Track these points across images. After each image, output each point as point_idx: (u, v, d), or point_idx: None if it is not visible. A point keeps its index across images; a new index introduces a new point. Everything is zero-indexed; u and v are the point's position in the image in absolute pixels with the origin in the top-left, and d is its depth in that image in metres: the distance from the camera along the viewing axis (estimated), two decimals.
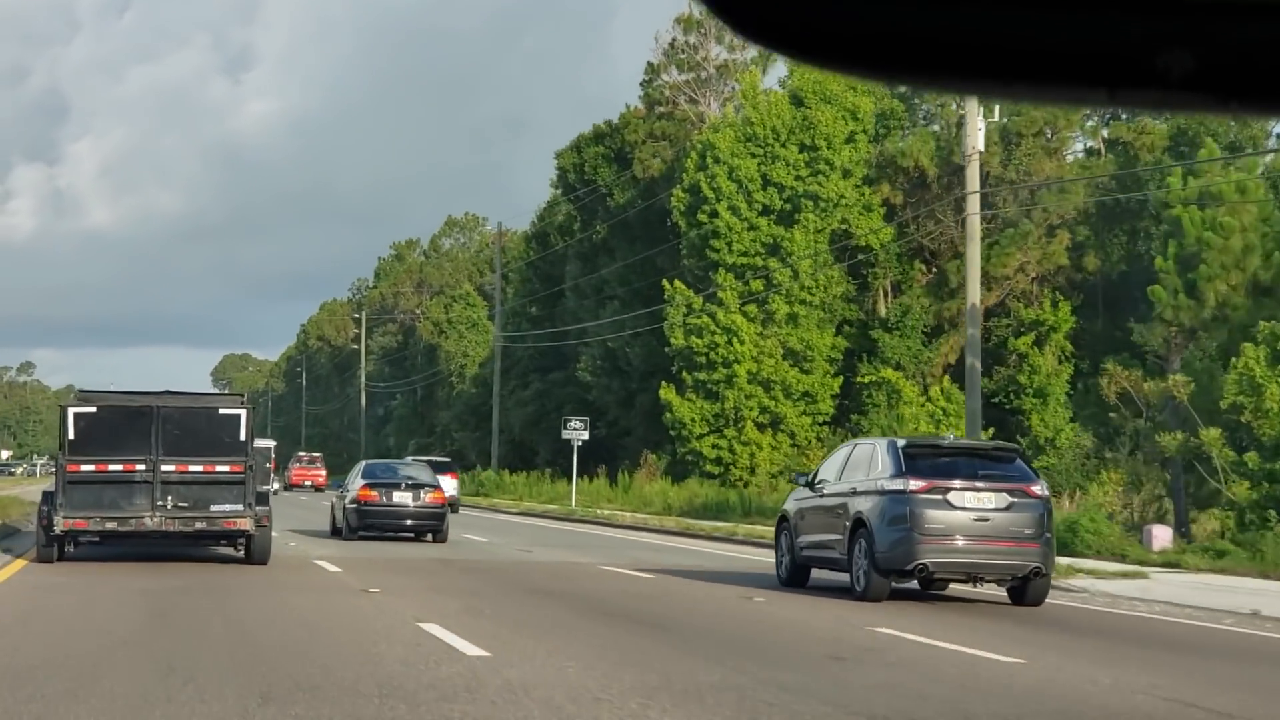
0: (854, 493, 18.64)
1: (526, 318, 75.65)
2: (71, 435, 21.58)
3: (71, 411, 21.87)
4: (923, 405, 52.97)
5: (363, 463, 35.16)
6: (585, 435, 48.18)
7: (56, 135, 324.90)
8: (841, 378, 55.31)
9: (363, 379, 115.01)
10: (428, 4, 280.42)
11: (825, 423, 55.26)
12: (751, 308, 54.66)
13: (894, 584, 18.31)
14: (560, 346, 72.16)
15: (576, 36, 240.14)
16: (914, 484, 17.74)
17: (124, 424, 21.82)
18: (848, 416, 55.60)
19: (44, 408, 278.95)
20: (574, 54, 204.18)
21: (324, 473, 78.66)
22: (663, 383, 55.92)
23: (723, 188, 54.20)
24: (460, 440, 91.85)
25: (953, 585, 19.60)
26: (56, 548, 21.83)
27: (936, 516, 17.61)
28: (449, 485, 44.84)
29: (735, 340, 54.19)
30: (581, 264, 63.51)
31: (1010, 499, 17.70)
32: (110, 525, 21.47)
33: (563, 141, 70.63)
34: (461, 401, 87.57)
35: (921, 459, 18.18)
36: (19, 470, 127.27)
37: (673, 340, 55.52)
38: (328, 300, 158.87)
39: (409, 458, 47.66)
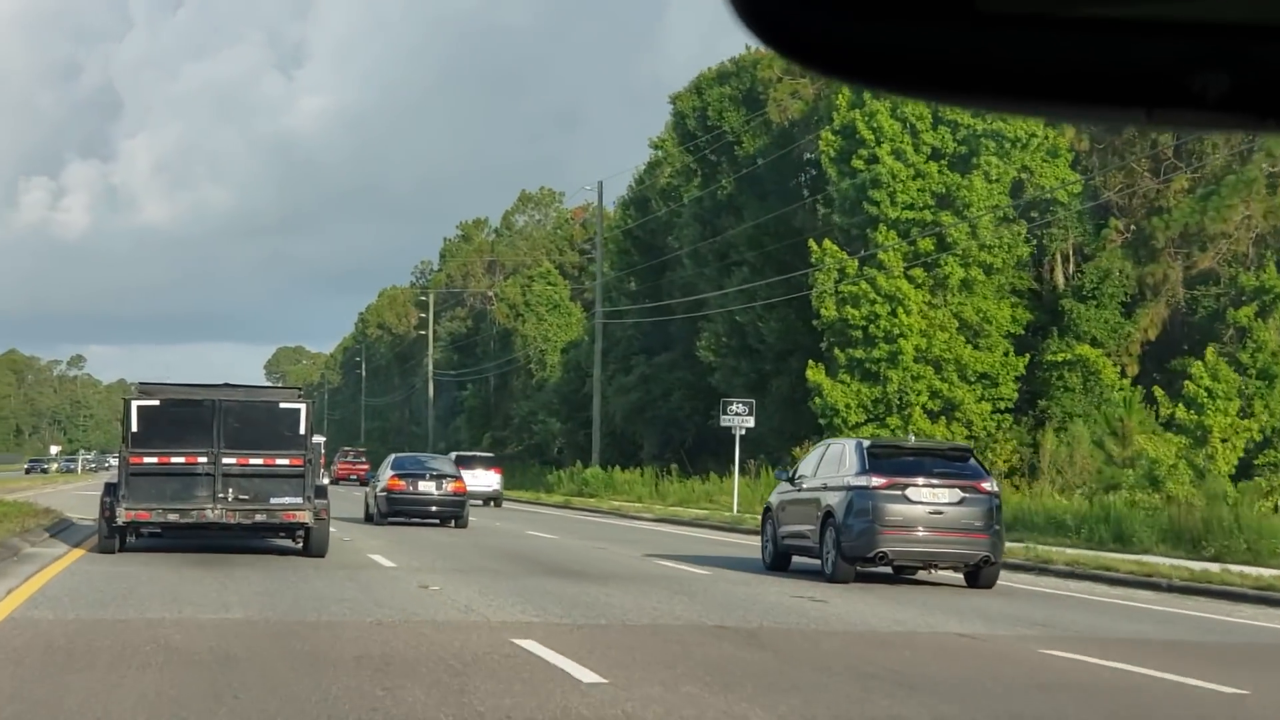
0: (825, 488, 20.66)
1: (624, 293, 66.60)
2: (135, 428, 21.79)
3: (135, 405, 22.00)
4: (1122, 389, 43.62)
5: (392, 456, 37.52)
6: (750, 422, 39.17)
7: (110, 131, 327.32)
8: (1026, 356, 46.09)
9: (430, 367, 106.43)
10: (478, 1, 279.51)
11: (1006, 410, 46.07)
12: (918, 271, 45.56)
13: (859, 569, 20.12)
14: (668, 324, 63.26)
15: (629, 29, 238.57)
16: (876, 480, 19.63)
17: (185, 417, 22.04)
18: (1032, 403, 46.39)
19: (95, 402, 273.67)
20: (626, 47, 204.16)
21: (367, 467, 77.20)
22: (809, 363, 46.84)
23: (884, 128, 45.15)
24: (541, 433, 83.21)
25: (921, 572, 21.20)
26: (118, 538, 22.00)
27: (896, 510, 19.43)
28: (493, 479, 49.95)
29: (900, 311, 45.11)
30: (700, 227, 54.39)
31: (962, 494, 19.43)
32: (172, 517, 21.74)
33: (616, 134, 61.56)
34: (550, 389, 78.67)
35: (885, 458, 20.10)
36: (52, 467, 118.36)
37: (823, 312, 46.44)
38: (387, 287, 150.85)
39: (454, 454, 49.98)
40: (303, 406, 22.60)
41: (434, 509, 33.63)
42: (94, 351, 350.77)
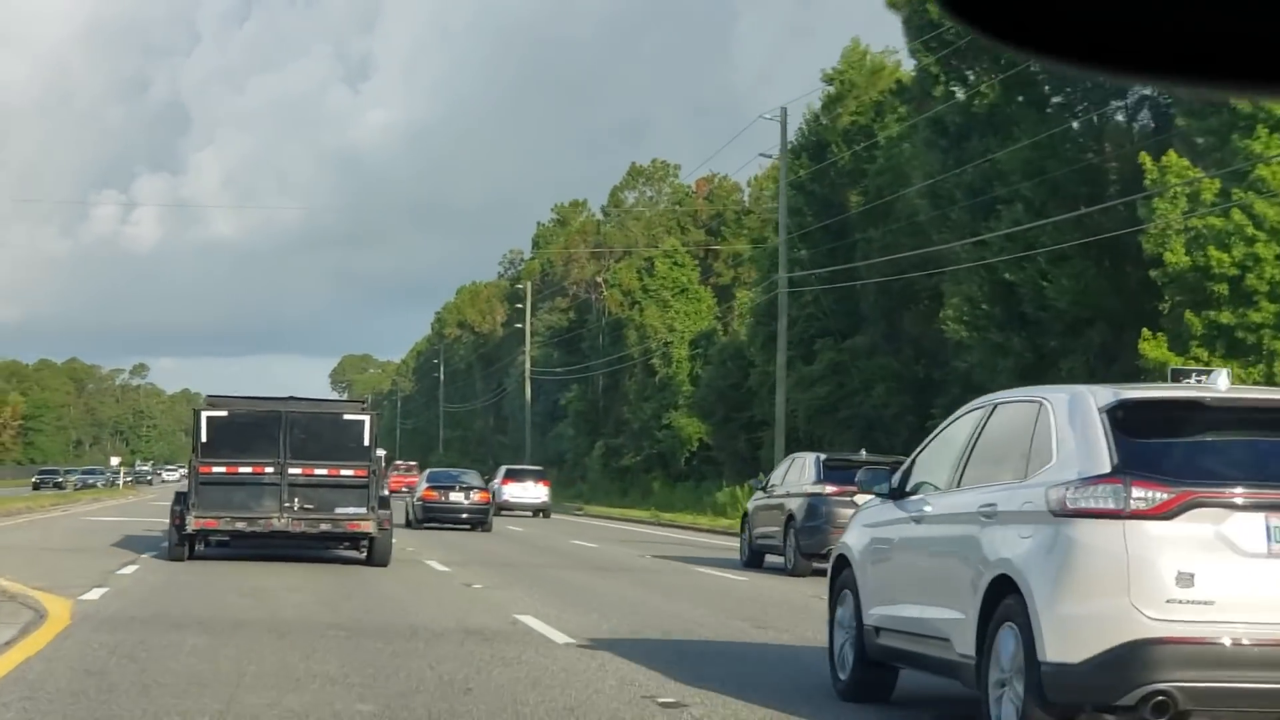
0: (788, 495, 24.07)
1: (795, 262, 51.91)
2: (204, 438, 22.25)
3: (204, 415, 22.53)
4: None
5: (428, 470, 46.63)
6: None
7: (179, 145, 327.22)
8: None
9: (527, 365, 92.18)
10: (545, 12, 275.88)
11: None
12: None
13: (815, 565, 21.78)
14: (857, 298, 48.76)
15: (695, 42, 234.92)
16: (829, 489, 22.86)
17: (253, 428, 22.51)
18: None
19: (158, 412, 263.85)
20: (692, 59, 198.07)
21: (417, 479, 72.69)
22: (1145, 333, 32.01)
23: None
24: (668, 439, 68.86)
25: None
26: (188, 546, 22.46)
27: (845, 514, 19.06)
28: (542, 492, 52.06)
29: None
30: (939, 155, 39.54)
31: None
32: (239, 525, 22.19)
33: (683, 147, 47.57)
34: (705, 385, 63.82)
35: (837, 469, 23.02)
36: (70, 482, 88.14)
37: (1166, 258, 31.59)
38: (466, 284, 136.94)
39: (503, 468, 55.67)
40: (367, 418, 23.13)
41: (464, 515, 38.27)
42: (160, 364, 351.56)
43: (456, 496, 38.51)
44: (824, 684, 10.51)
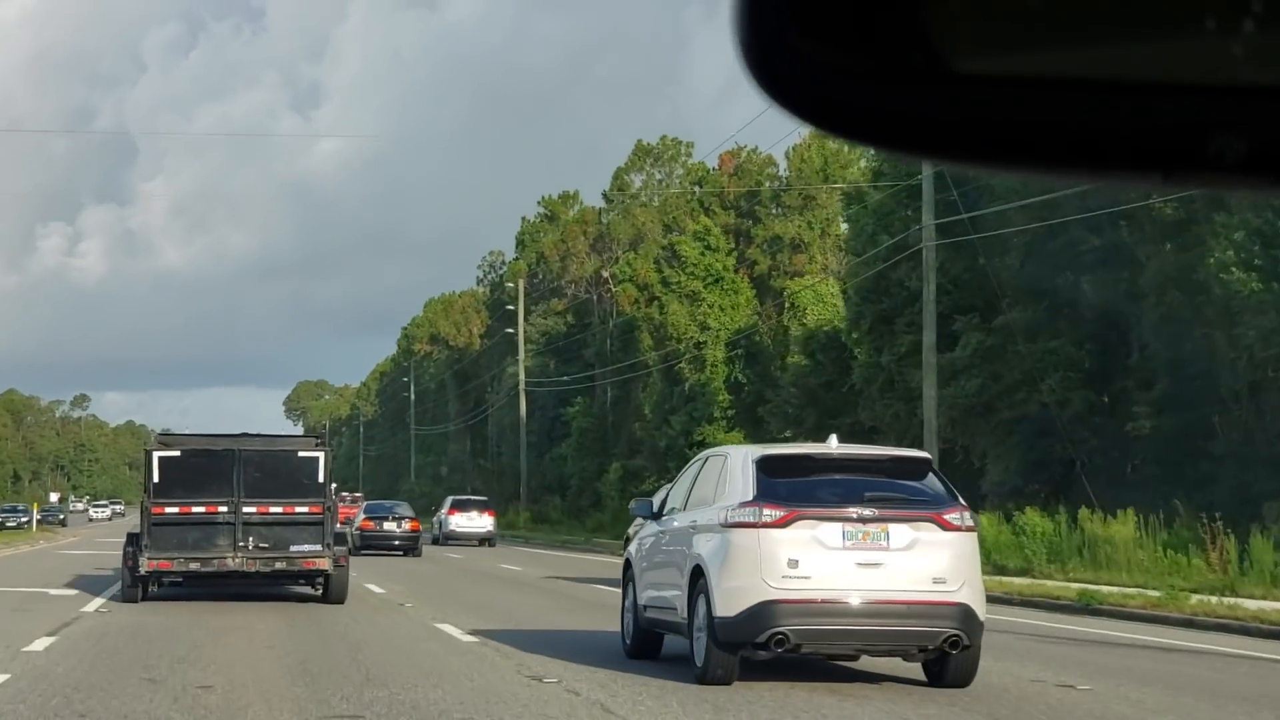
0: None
1: (905, 221, 39.35)
2: (156, 478, 22.03)
3: (156, 455, 22.27)
4: None
5: (365, 503, 53.79)
6: None
7: (126, 176, 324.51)
8: None
9: (521, 378, 79.07)
10: (498, 39, 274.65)
11: None
12: None
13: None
14: (1000, 250, 36.36)
15: (650, 67, 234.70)
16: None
17: (205, 467, 22.25)
18: None
19: (100, 445, 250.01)
20: (648, 85, 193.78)
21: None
22: None
23: None
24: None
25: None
26: (141, 588, 22.23)
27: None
28: (487, 522, 55.75)
29: None
30: None
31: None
32: (193, 566, 21.93)
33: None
34: (791, 383, 50.72)
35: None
36: (18, 522, 78.43)
37: None
38: (435, 296, 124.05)
39: (450, 498, 60.49)
40: (321, 454, 22.75)
41: (396, 542, 43.50)
42: (108, 398, 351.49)
43: (390, 525, 44.07)
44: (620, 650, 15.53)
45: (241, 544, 21.80)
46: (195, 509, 21.84)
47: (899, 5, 1.28)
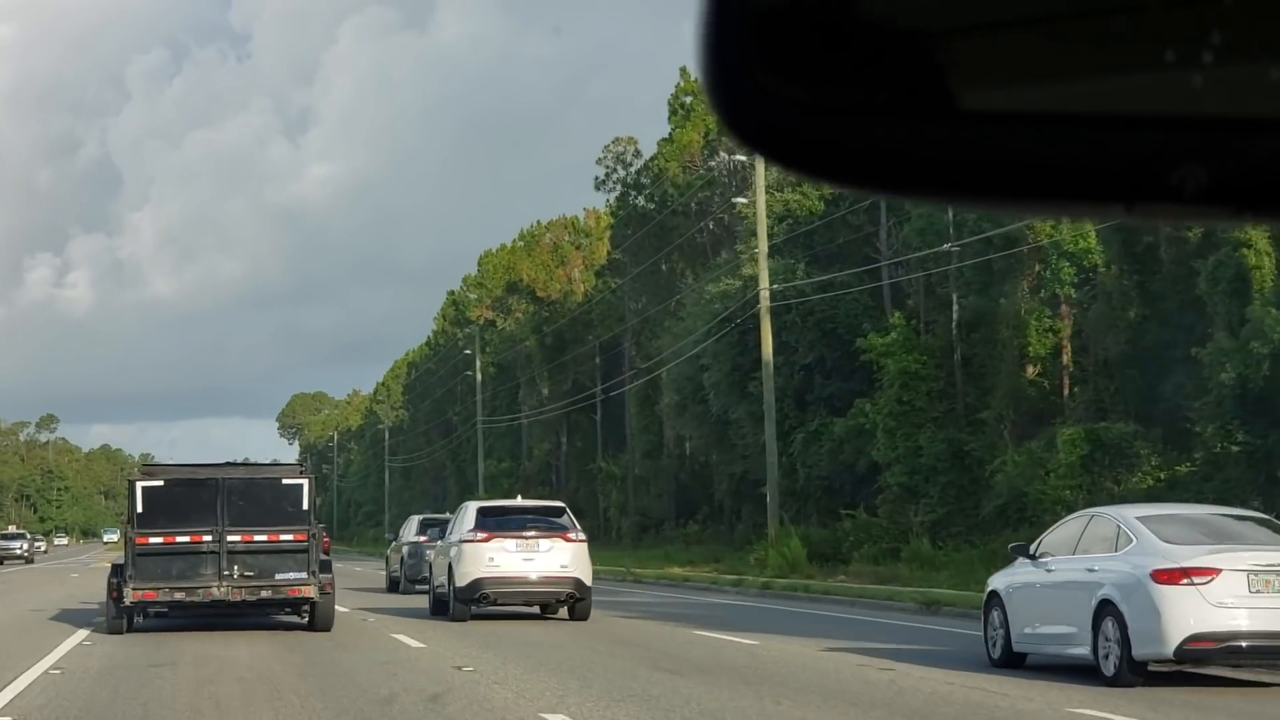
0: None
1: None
2: (140, 509, 22.32)
3: (140, 485, 22.66)
4: None
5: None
6: None
7: (114, 205, 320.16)
8: None
9: (764, 292, 49.11)
10: (488, 59, 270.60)
11: None
12: None
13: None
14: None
15: (643, 90, 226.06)
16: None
17: (189, 496, 22.60)
18: None
19: (71, 472, 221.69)
20: (641, 108, 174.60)
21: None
22: None
23: None
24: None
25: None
26: (126, 619, 22.59)
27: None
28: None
29: None
30: None
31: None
32: (179, 595, 22.21)
33: None
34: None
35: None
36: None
37: None
38: (491, 249, 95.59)
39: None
40: (305, 482, 23.20)
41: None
42: (96, 431, 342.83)
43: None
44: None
45: (226, 573, 22.18)
46: (179, 538, 22.23)
47: (862, 45, 1.27)
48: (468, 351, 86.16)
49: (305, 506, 22.58)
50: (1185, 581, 13.66)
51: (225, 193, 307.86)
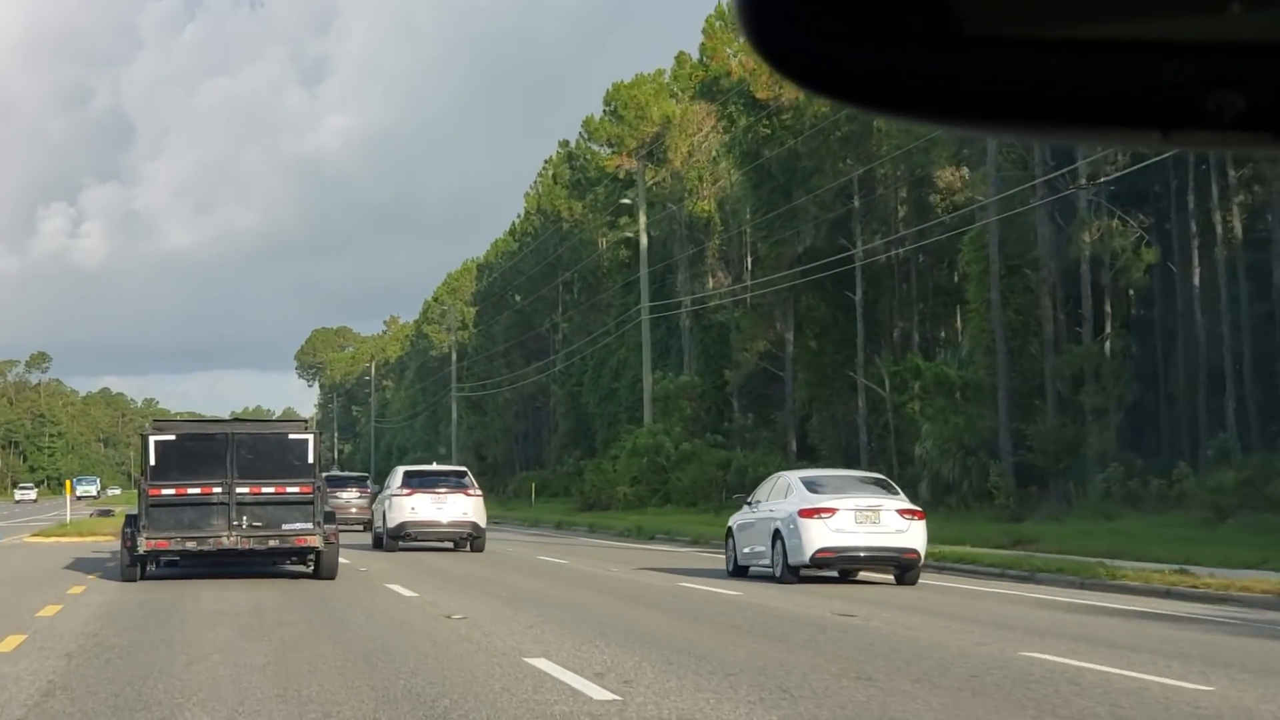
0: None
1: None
2: (153, 461, 23.38)
3: (153, 439, 23.71)
4: None
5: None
6: None
7: (128, 155, 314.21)
8: None
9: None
10: (508, 6, 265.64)
11: None
12: None
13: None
14: None
15: (665, 33, 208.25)
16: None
17: (201, 450, 23.71)
18: None
19: (65, 417, 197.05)
20: (662, 52, 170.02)
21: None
22: None
23: None
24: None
25: None
26: (140, 567, 23.64)
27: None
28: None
29: None
30: None
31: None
32: (190, 545, 23.29)
33: None
34: None
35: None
36: None
37: None
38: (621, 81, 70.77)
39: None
40: (310, 437, 24.40)
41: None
42: (110, 383, 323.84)
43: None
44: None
45: (236, 523, 23.20)
46: (191, 490, 23.27)
47: None
48: (625, 200, 61.15)
49: (310, 460, 23.78)
50: (817, 517, 22.30)
51: (241, 143, 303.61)
